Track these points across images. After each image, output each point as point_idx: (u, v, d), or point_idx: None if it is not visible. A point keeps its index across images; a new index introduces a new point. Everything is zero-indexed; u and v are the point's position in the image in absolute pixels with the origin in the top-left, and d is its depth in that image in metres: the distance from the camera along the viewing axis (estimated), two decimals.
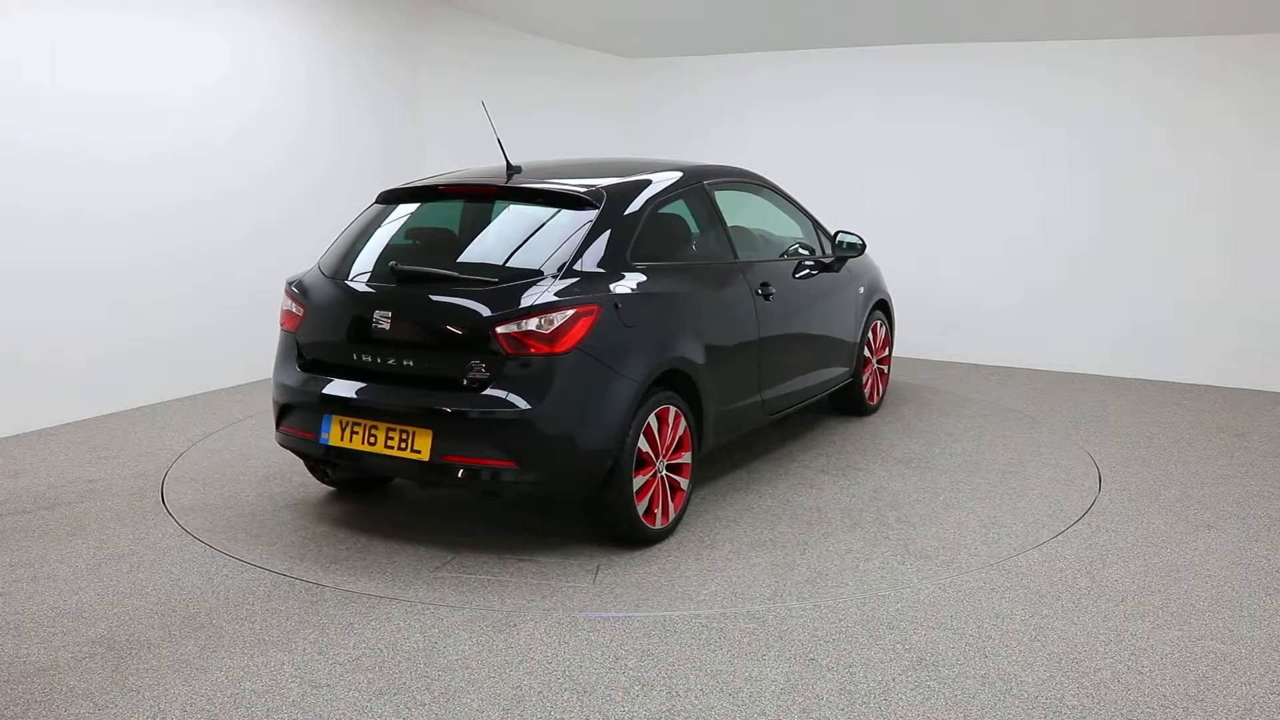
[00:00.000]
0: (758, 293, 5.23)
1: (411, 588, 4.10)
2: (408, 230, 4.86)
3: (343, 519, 4.83)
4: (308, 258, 5.95)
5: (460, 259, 4.56)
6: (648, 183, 4.90)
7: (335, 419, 4.37)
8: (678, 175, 5.15)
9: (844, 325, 6.17)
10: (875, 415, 6.70)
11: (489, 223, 4.77)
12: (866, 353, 6.52)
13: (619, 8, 8.55)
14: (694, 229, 5.23)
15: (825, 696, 3.28)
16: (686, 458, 4.64)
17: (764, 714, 3.18)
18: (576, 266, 4.31)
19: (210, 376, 7.17)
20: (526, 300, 4.13)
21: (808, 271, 5.86)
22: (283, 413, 4.62)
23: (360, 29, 8.10)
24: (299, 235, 7.38)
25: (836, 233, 6.23)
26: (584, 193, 4.57)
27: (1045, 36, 7.85)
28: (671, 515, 4.57)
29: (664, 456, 4.50)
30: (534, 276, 4.26)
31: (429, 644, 3.63)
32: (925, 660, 3.50)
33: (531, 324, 4.08)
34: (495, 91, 8.98)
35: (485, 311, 4.15)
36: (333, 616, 3.85)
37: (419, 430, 4.17)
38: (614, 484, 4.28)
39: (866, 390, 6.57)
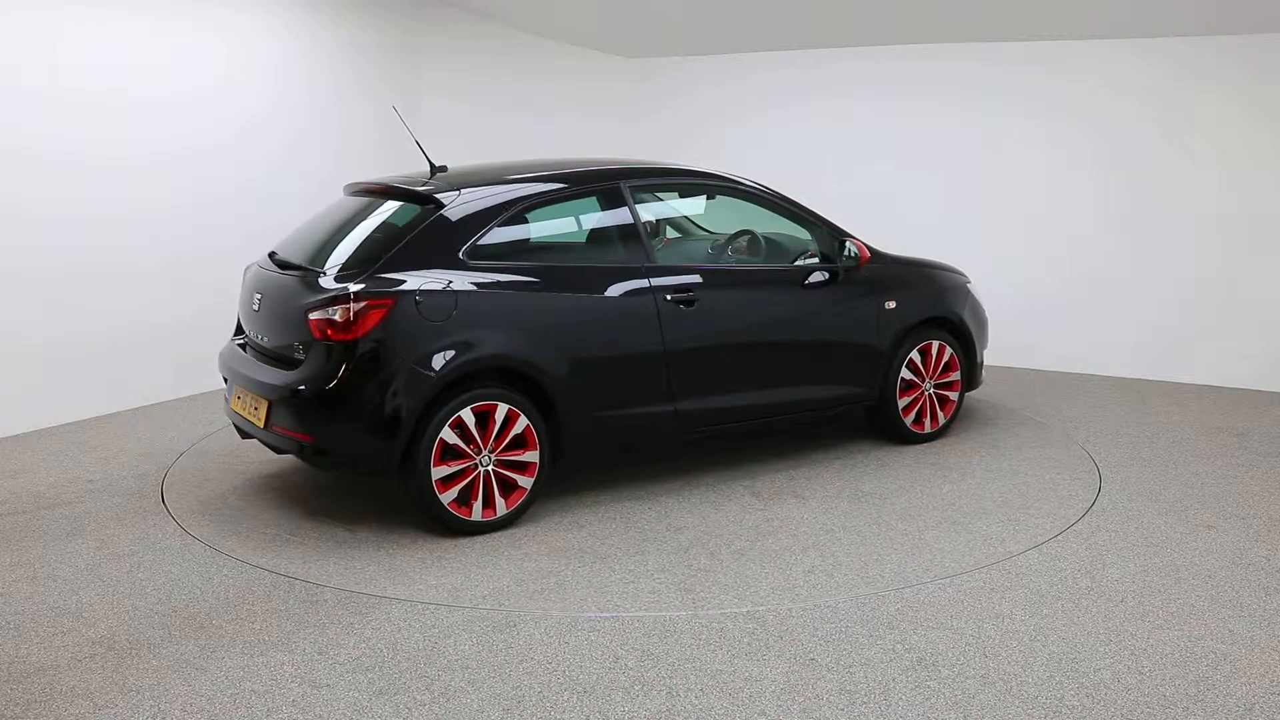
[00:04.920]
0: (667, 299, 5.06)
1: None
2: (325, 224, 5.22)
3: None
4: None
5: (333, 250, 4.90)
6: (523, 183, 5.01)
7: (235, 386, 5.00)
8: (582, 176, 5.19)
9: (848, 341, 5.69)
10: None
11: (371, 219, 5.04)
12: (909, 374, 5.87)
13: (619, 8, 8.55)
14: (584, 231, 5.27)
15: (825, 696, 3.28)
16: (530, 456, 4.71)
17: (764, 714, 3.18)
18: (398, 262, 4.59)
19: (210, 376, 7.14)
20: (331, 291, 4.52)
21: (774, 279, 5.57)
22: (224, 380, 5.25)
23: (360, 29, 8.10)
24: None
25: (842, 241, 5.70)
26: (432, 193, 4.85)
27: (1045, 36, 7.85)
28: (502, 511, 4.67)
29: (490, 452, 4.62)
30: (355, 269, 4.61)
31: (429, 644, 3.64)
32: (925, 660, 3.50)
33: (331, 312, 4.45)
34: (495, 91, 9.00)
35: (304, 300, 4.59)
36: (333, 616, 3.85)
37: (261, 401, 4.71)
38: (413, 470, 4.51)
39: (910, 417, 5.93)
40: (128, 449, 5.89)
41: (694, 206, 6.16)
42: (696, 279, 5.21)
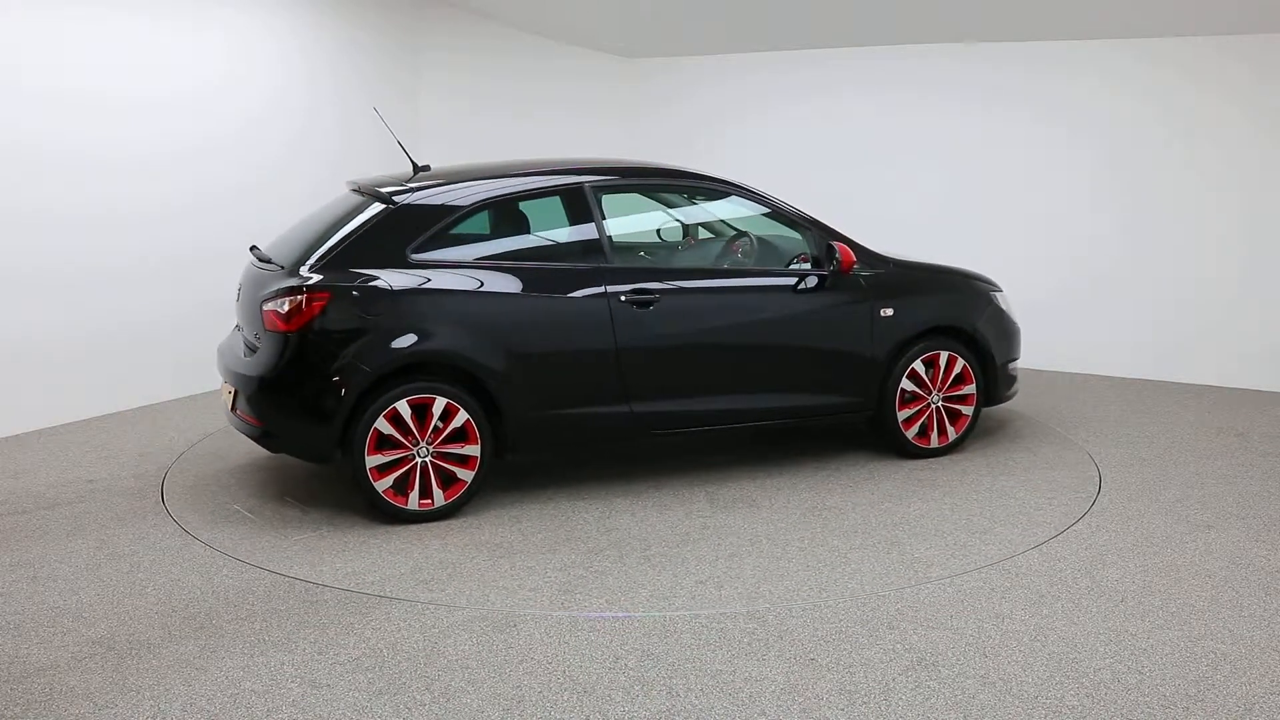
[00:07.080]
0: (621, 300, 5.03)
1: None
2: (307, 220, 5.34)
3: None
4: None
5: (301, 245, 5.00)
6: (483, 183, 5.13)
7: (224, 375, 5.21)
8: (543, 177, 5.24)
9: (834, 348, 5.47)
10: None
11: (344, 217, 5.11)
12: (912, 385, 5.60)
13: (619, 8, 8.56)
14: (542, 231, 5.33)
15: (825, 696, 3.28)
16: (471, 450, 4.80)
17: (764, 714, 3.19)
18: (345, 259, 4.77)
19: (210, 376, 7.15)
20: (279, 284, 4.74)
21: (756, 283, 5.45)
22: None
23: (360, 29, 8.10)
24: None
25: (830, 244, 5.47)
26: (386, 192, 5.00)
27: (1045, 36, 7.85)
28: (440, 502, 4.78)
29: (429, 444, 4.74)
30: (309, 264, 4.78)
31: (429, 644, 3.64)
32: (925, 660, 3.50)
33: (279, 305, 4.69)
34: (495, 91, 9.00)
35: (262, 291, 4.83)
36: (333, 616, 3.85)
37: (232, 387, 4.98)
38: (350, 457, 4.69)
39: (912, 430, 5.65)
40: (128, 449, 5.89)
41: (709, 208, 6.11)
42: (652, 283, 5.15)
